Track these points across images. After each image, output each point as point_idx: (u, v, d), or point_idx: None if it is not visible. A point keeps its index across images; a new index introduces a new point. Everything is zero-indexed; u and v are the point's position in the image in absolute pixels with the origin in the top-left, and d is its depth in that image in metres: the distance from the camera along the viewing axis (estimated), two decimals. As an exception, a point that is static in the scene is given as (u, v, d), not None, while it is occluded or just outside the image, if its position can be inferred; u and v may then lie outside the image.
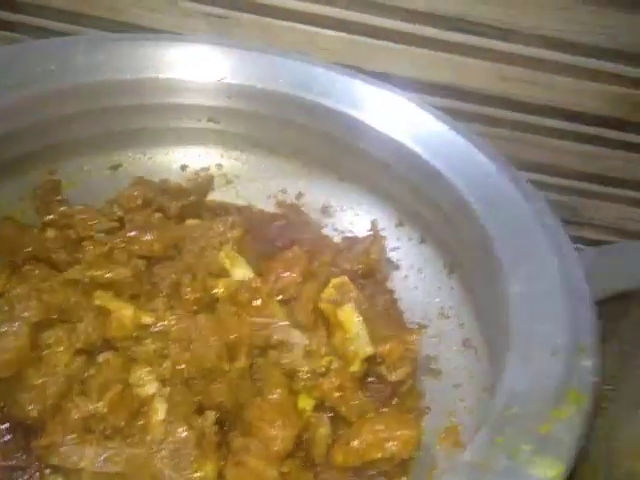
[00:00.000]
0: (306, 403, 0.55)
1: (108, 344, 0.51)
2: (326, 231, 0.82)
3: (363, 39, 0.87)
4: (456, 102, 0.91)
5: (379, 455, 0.49)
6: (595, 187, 1.00)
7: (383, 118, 0.71)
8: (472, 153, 0.63)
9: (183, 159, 0.83)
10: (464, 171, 0.62)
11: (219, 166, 0.84)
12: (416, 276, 0.75)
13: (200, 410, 0.51)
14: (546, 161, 0.97)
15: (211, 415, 0.49)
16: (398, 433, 0.50)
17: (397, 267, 0.76)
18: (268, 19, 0.87)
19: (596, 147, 0.95)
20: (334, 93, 0.74)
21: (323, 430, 0.53)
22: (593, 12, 0.82)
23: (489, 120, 0.93)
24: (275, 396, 0.52)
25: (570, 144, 0.95)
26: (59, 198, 0.70)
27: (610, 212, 1.03)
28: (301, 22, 0.87)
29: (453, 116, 0.72)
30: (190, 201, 0.76)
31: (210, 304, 0.59)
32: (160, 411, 0.47)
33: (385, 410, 0.55)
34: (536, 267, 0.49)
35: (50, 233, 0.63)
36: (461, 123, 0.70)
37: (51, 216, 0.67)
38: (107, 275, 0.54)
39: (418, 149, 0.67)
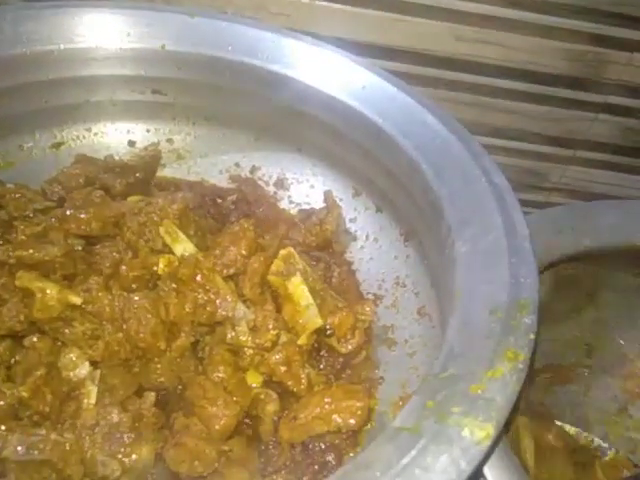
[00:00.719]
0: (254, 379, 0.53)
1: (36, 327, 0.48)
2: (282, 204, 0.79)
3: (315, 3, 0.84)
4: (411, 66, 0.88)
5: (325, 428, 0.48)
6: (558, 150, 0.99)
7: (334, 83, 0.68)
8: (421, 114, 0.61)
9: (131, 135, 0.79)
10: (414, 134, 0.60)
11: (170, 141, 0.80)
12: (372, 246, 0.73)
13: (140, 392, 0.49)
14: (507, 125, 0.95)
15: (150, 396, 0.48)
16: (345, 404, 0.48)
17: (355, 238, 0.75)
18: (215, -16, 0.83)
19: (554, 108, 0.93)
20: (283, 58, 0.70)
21: (270, 407, 0.51)
22: (547, -34, 0.80)
23: (445, 83, 0.91)
24: (219, 374, 0.50)
25: (528, 106, 0.94)
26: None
27: (576, 175, 1.02)
28: (249, -14, 0.83)
29: (408, 80, 0.70)
30: (136, 178, 0.73)
31: (152, 282, 0.56)
32: (92, 394, 0.45)
33: (336, 383, 0.54)
34: (481, 227, 0.48)
35: (-21, 215, 0.59)
36: (412, 86, 0.68)
37: None
38: (35, 255, 0.51)
39: (368, 112, 0.64)
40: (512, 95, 0.94)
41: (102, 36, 0.69)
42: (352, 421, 0.48)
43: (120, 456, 0.43)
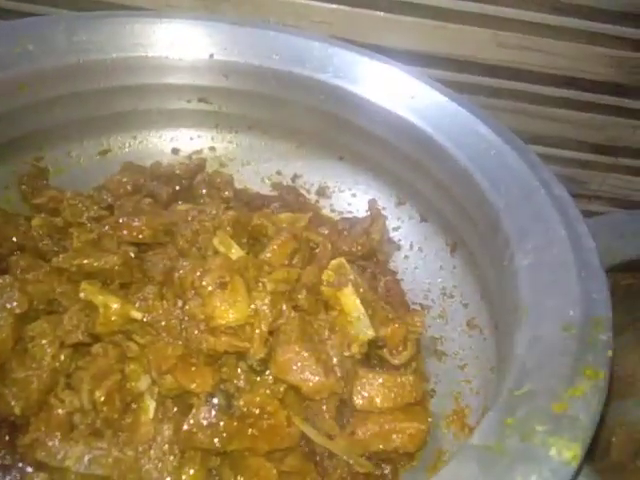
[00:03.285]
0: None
1: (95, 338, 0.48)
2: (324, 213, 0.79)
3: (357, 10, 0.84)
4: (450, 73, 0.88)
5: (382, 447, 0.47)
6: (599, 158, 0.97)
7: (382, 92, 0.68)
8: (475, 125, 0.60)
9: (175, 142, 0.80)
10: (467, 144, 0.60)
11: (212, 149, 0.81)
12: (417, 255, 0.72)
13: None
14: (547, 132, 0.94)
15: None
16: (405, 426, 0.47)
17: (398, 247, 0.74)
18: (257, -8, 0.84)
19: (597, 115, 0.92)
20: (331, 68, 0.70)
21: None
22: (592, -28, 0.79)
23: (485, 90, 0.90)
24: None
25: (570, 113, 0.92)
26: (46, 183, 0.68)
27: (617, 183, 1.00)
28: (293, -6, 0.83)
29: (450, 88, 0.69)
30: (182, 186, 0.74)
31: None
32: (150, 409, 0.45)
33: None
34: (544, 239, 0.47)
35: (36, 222, 0.60)
36: (462, 95, 0.68)
37: (40, 199, 0.64)
38: (95, 264, 0.51)
39: (419, 123, 0.64)
40: (553, 102, 0.92)
41: (152, 46, 0.70)
42: (411, 444, 0.47)
43: (171, 476, 0.43)
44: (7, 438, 0.47)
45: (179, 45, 0.71)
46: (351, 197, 0.79)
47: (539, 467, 0.31)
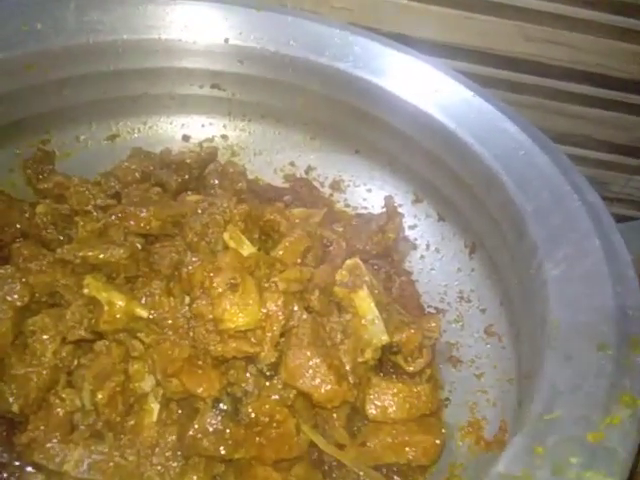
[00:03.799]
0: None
1: (99, 334, 0.46)
2: (338, 207, 0.77)
3: (380, -3, 0.80)
4: (472, 65, 0.84)
5: (394, 460, 0.45)
6: (624, 159, 0.93)
7: (404, 84, 0.65)
8: (502, 122, 0.57)
9: (186, 129, 0.77)
10: (493, 142, 0.57)
11: (224, 137, 0.78)
12: (434, 256, 0.70)
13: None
14: (570, 130, 0.91)
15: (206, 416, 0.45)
16: (419, 439, 0.45)
17: (414, 247, 0.71)
18: (277, -24, 0.80)
19: (624, 115, 0.88)
20: (351, 57, 0.67)
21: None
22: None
23: (507, 84, 0.86)
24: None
25: (595, 111, 0.89)
26: (52, 168, 0.65)
27: (640, 186, 0.97)
28: (313, -21, 0.80)
29: (473, 81, 0.66)
30: (192, 175, 0.71)
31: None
32: (154, 412, 0.43)
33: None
34: (576, 249, 0.44)
35: (41, 208, 0.58)
36: (488, 90, 0.64)
37: (46, 184, 0.62)
38: (100, 256, 0.49)
39: (442, 117, 0.61)
40: (578, 99, 0.89)
41: (166, 28, 0.67)
42: (424, 458, 0.45)
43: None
44: (5, 435, 0.45)
45: (193, 28, 0.68)
46: (366, 192, 0.76)
47: (575, 504, 0.29)
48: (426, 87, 0.63)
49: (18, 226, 0.58)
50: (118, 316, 0.44)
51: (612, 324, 0.37)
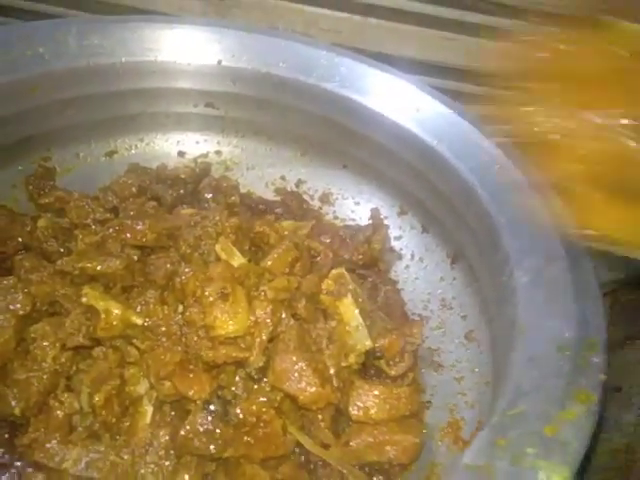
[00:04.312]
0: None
1: (96, 341, 0.49)
2: (327, 219, 0.80)
3: (366, 19, 0.84)
4: (459, 83, 0.88)
5: (375, 458, 0.48)
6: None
7: (387, 102, 0.68)
8: (478, 138, 0.61)
9: (181, 145, 0.80)
10: (470, 157, 0.60)
11: (218, 153, 0.82)
12: (418, 266, 0.73)
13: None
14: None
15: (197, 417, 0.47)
16: (399, 438, 0.48)
17: (399, 257, 0.74)
18: (267, -1, 0.84)
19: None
20: (337, 77, 0.71)
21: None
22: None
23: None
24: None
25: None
26: (52, 184, 0.68)
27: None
28: (301, 2, 0.84)
29: (455, 97, 0.69)
30: (187, 189, 0.74)
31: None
32: (147, 414, 0.46)
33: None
34: (544, 258, 0.47)
35: (42, 222, 0.61)
36: (466, 106, 0.68)
37: (47, 199, 0.65)
38: (98, 267, 0.52)
39: (423, 134, 0.64)
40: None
41: (161, 50, 0.70)
42: (404, 457, 0.48)
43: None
44: (7, 437, 0.48)
45: (188, 50, 0.72)
46: (354, 205, 0.79)
47: (527, 492, 0.31)
48: (408, 105, 0.67)
49: (20, 239, 0.61)
50: (114, 323, 0.47)
51: (572, 328, 0.40)
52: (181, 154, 0.80)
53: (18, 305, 0.48)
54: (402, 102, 0.68)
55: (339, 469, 0.49)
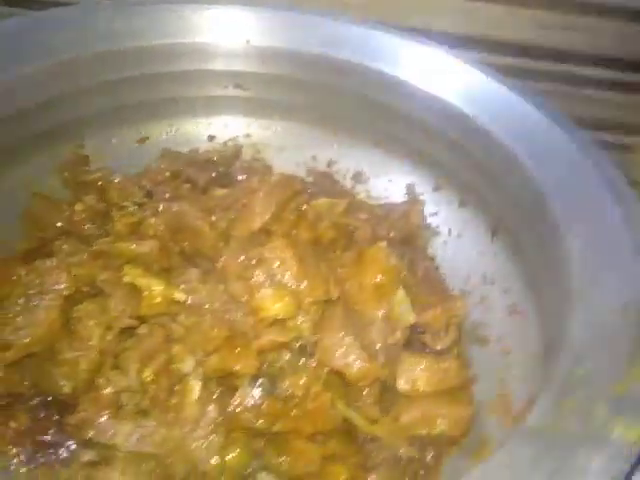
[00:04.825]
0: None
1: (141, 320, 0.49)
2: (360, 199, 0.79)
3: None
4: (485, 55, 0.85)
5: (426, 432, 0.47)
6: (645, 142, 0.94)
7: (421, 74, 0.66)
8: (518, 104, 0.59)
9: (211, 129, 0.80)
10: (510, 124, 0.58)
11: (247, 135, 0.81)
12: (456, 242, 0.71)
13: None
14: (589, 115, 0.91)
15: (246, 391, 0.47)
16: (449, 410, 0.47)
17: (436, 233, 0.73)
18: (292, -23, 0.83)
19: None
20: (368, 51, 0.69)
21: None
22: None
23: (521, 72, 0.87)
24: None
25: (613, 95, 0.89)
26: (87, 170, 0.69)
27: (663, 170, 0.96)
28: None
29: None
30: (219, 172, 0.74)
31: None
32: (195, 390, 0.45)
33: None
34: (597, 222, 0.45)
35: (79, 206, 0.61)
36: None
37: (91, 176, 0.65)
38: (133, 246, 0.52)
39: (459, 103, 0.62)
40: (596, 84, 0.89)
41: (190, 32, 0.70)
42: (456, 429, 0.47)
43: (217, 455, 0.43)
44: (56, 417, 0.48)
45: (216, 31, 0.71)
46: (387, 183, 0.78)
47: (601, 450, 0.30)
48: (442, 75, 0.65)
49: (59, 224, 0.62)
50: (158, 300, 0.47)
51: (634, 289, 0.39)
52: (211, 138, 0.80)
53: (62, 285, 0.48)
54: (436, 72, 0.66)
55: (389, 444, 0.48)
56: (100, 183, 0.63)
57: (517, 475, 0.30)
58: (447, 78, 0.65)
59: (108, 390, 0.46)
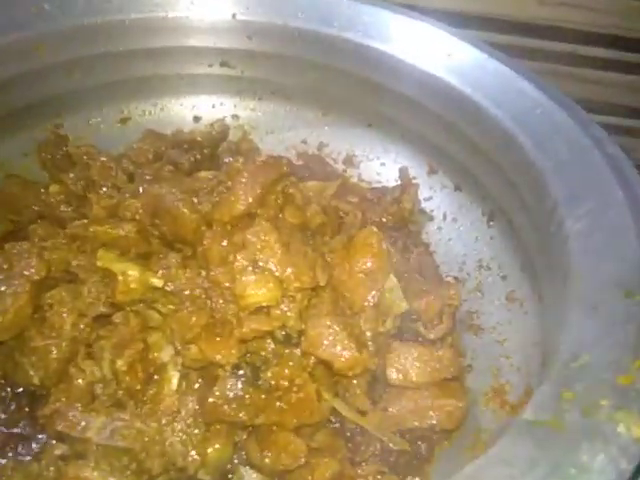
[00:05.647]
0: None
1: (116, 307, 0.46)
2: (352, 183, 0.76)
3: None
4: (484, 32, 0.82)
5: (417, 424, 0.44)
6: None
7: (415, 51, 0.63)
8: (517, 82, 0.56)
9: (196, 110, 0.77)
10: (509, 103, 0.55)
11: (235, 117, 0.78)
12: (451, 226, 0.68)
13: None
14: (588, 96, 0.88)
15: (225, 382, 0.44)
16: (442, 402, 0.44)
17: (431, 218, 0.70)
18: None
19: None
20: (360, 25, 0.66)
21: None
22: None
23: (520, 51, 0.84)
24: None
25: (614, 75, 0.86)
26: (66, 151, 0.65)
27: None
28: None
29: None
30: (204, 154, 0.71)
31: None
32: (174, 380, 0.43)
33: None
34: (598, 202, 0.43)
35: (54, 188, 0.58)
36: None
37: (77, 150, 0.62)
38: (110, 230, 0.49)
39: (455, 82, 0.59)
40: (596, 63, 0.87)
41: (172, 6, 0.66)
42: (449, 422, 0.44)
43: (196, 449, 0.41)
44: (27, 409, 0.45)
45: (200, 5, 0.68)
46: (380, 166, 0.75)
47: (606, 444, 0.28)
48: (438, 52, 0.62)
49: (35, 208, 0.59)
50: (133, 286, 0.44)
51: (638, 272, 0.36)
52: (196, 119, 0.77)
53: (32, 270, 0.45)
54: (431, 49, 0.63)
55: (378, 436, 0.46)
56: (85, 157, 0.59)
57: (514, 472, 0.28)
58: (443, 55, 0.62)
59: (81, 381, 0.44)
